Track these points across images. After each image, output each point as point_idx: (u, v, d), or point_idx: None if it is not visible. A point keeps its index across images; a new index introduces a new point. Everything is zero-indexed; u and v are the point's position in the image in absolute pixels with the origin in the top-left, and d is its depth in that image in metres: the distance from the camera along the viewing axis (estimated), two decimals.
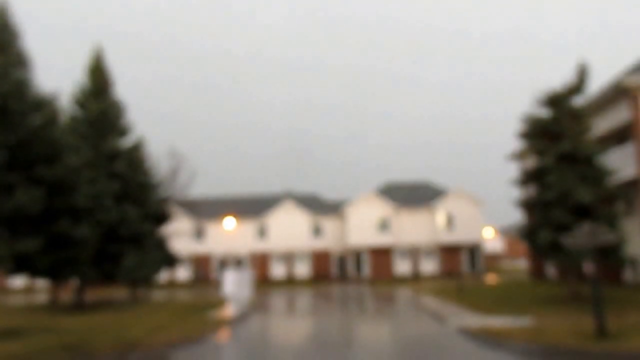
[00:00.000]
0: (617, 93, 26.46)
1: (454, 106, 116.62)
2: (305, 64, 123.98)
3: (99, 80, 29.50)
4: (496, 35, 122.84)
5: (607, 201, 25.41)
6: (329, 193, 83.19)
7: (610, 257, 23.02)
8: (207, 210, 59.23)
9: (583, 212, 24.54)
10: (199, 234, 57.73)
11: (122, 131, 29.74)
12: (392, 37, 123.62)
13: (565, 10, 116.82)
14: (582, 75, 26.89)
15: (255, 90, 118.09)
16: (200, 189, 53.24)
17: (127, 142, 30.26)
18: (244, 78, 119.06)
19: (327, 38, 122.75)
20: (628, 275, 28.49)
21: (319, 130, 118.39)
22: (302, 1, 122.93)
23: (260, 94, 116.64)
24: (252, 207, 60.90)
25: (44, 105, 20.93)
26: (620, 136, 28.44)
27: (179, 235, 41.80)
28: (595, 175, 25.02)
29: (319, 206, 60.67)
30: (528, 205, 28.32)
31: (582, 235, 16.01)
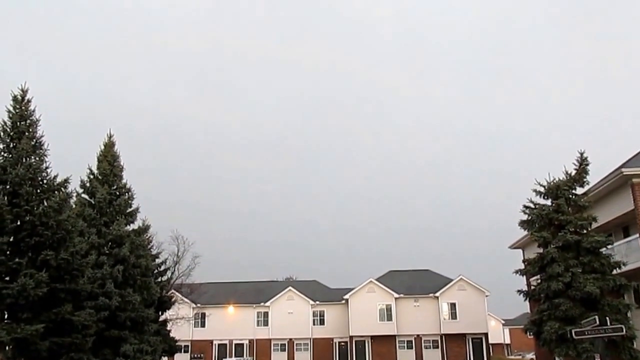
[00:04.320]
0: (619, 183, 26.75)
1: (454, 192, 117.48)
2: (306, 150, 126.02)
3: (108, 167, 30.02)
4: (496, 129, 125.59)
5: (614, 293, 25.15)
6: (330, 279, 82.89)
7: (621, 351, 22.50)
8: (208, 296, 58.49)
9: (590, 304, 24.26)
10: (200, 319, 56.77)
11: (128, 217, 29.96)
12: (388, 127, 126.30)
13: (566, 102, 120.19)
14: (582, 165, 27.35)
15: (255, 178, 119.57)
16: (202, 274, 53.20)
17: (132, 226, 30.41)
18: (245, 166, 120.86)
19: (324, 123, 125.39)
20: None
21: (319, 217, 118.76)
22: (297, 84, 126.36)
23: (260, 182, 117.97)
24: (253, 294, 60.15)
25: (54, 191, 21.24)
26: (624, 226, 28.51)
27: (180, 320, 41.17)
28: (602, 266, 24.90)
29: (321, 293, 59.94)
30: (533, 296, 28.06)
31: (590, 328, 15.84)
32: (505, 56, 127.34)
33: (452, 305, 55.43)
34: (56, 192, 21.69)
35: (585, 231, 26.17)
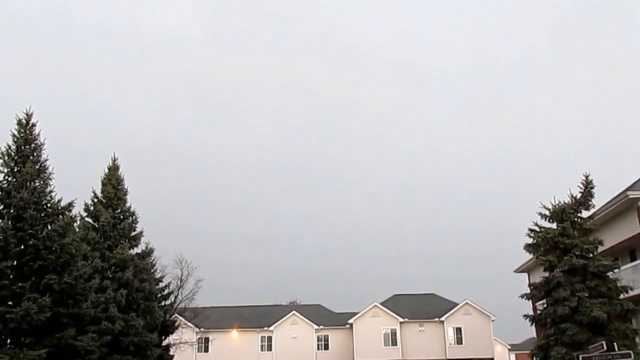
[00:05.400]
0: (625, 206, 26.63)
1: (458, 216, 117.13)
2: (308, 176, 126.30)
3: (112, 190, 30.08)
4: (500, 152, 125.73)
5: (622, 318, 24.89)
6: (334, 303, 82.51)
7: None
8: (212, 320, 58.09)
9: (597, 329, 24.00)
10: (203, 344, 56.33)
11: (132, 240, 29.93)
12: (385, 153, 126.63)
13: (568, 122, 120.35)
14: (587, 188, 27.26)
15: (256, 201, 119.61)
16: (206, 298, 52.96)
17: (135, 250, 30.37)
18: (249, 190, 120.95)
19: (326, 150, 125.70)
20: None
21: (323, 240, 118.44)
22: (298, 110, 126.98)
23: (264, 206, 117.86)
24: (257, 318, 59.75)
25: (58, 215, 21.24)
26: (631, 249, 28.33)
27: (183, 345, 40.88)
28: (609, 291, 24.68)
29: (325, 317, 59.51)
30: (539, 321, 27.81)
31: (598, 353, 15.64)
32: (505, 79, 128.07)
33: (458, 330, 54.97)
34: (60, 215, 21.71)
35: (591, 255, 26.00)
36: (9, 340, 19.98)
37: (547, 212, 27.32)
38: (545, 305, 27.08)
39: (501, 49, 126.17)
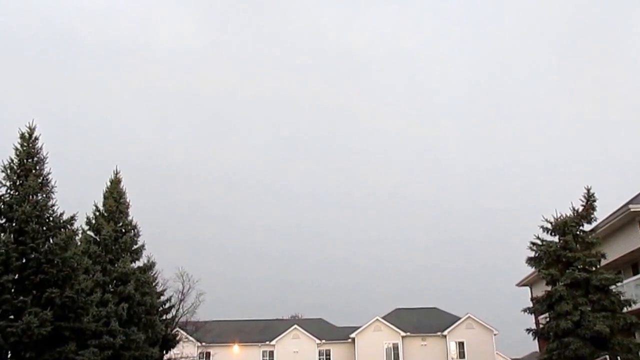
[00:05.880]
0: (627, 220, 26.62)
1: (460, 230, 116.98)
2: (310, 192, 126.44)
3: (114, 204, 30.11)
4: (500, 167, 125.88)
5: (625, 332, 24.77)
6: (336, 316, 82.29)
7: None
8: (213, 334, 57.84)
9: (600, 343, 23.88)
10: (205, 359, 56.04)
11: (133, 254, 29.91)
12: (385, 167, 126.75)
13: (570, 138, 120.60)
14: (589, 202, 27.24)
15: (258, 215, 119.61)
16: (207, 312, 52.84)
17: (137, 264, 30.34)
18: (251, 205, 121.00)
19: (324, 166, 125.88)
20: None
21: (323, 255, 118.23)
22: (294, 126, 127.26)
23: (265, 220, 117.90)
24: (258, 332, 59.50)
25: (60, 229, 21.25)
26: (633, 263, 28.28)
27: (184, 359, 40.79)
28: (612, 304, 24.56)
29: (327, 332, 59.26)
30: (542, 335, 27.68)
31: None
32: (506, 95, 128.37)
33: (460, 344, 54.70)
34: (62, 229, 21.73)
35: (594, 268, 25.93)
36: (10, 355, 19.91)
37: (549, 225, 27.27)
38: (547, 319, 26.98)
39: (503, 66, 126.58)
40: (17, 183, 21.64)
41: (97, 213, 30.13)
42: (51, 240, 21.09)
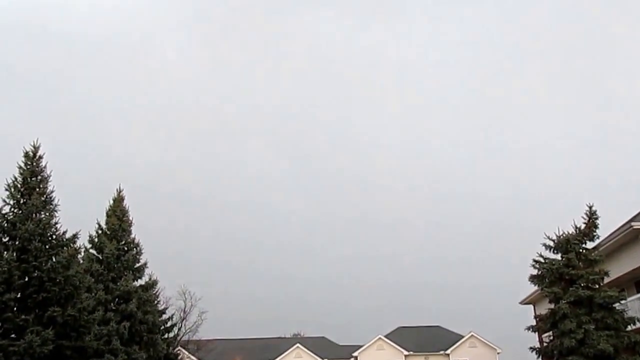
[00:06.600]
0: (630, 237, 26.53)
1: (463, 248, 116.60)
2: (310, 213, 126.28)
3: (116, 222, 30.16)
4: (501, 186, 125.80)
5: (629, 350, 24.58)
6: (338, 334, 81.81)
7: None
8: (215, 353, 57.54)
9: None
10: None
11: (136, 272, 29.89)
12: (381, 183, 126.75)
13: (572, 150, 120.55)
14: (591, 219, 27.17)
15: (259, 232, 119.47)
16: (209, 330, 52.69)
17: (139, 282, 30.31)
18: (254, 222, 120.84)
19: (325, 188, 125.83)
20: None
21: (326, 273, 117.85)
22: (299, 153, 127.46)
23: (268, 238, 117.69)
24: (260, 351, 59.07)
25: (62, 247, 21.27)
26: (637, 280, 28.13)
27: None
28: (615, 323, 24.39)
29: (329, 350, 58.85)
30: (546, 353, 27.48)
31: None
32: (506, 112, 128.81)
33: None
34: (65, 247, 21.75)
35: (597, 286, 25.79)
36: None
37: (552, 243, 27.18)
38: (551, 338, 26.80)
39: (502, 83, 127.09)
40: (21, 201, 21.74)
41: (100, 231, 30.18)
42: (54, 259, 21.11)
